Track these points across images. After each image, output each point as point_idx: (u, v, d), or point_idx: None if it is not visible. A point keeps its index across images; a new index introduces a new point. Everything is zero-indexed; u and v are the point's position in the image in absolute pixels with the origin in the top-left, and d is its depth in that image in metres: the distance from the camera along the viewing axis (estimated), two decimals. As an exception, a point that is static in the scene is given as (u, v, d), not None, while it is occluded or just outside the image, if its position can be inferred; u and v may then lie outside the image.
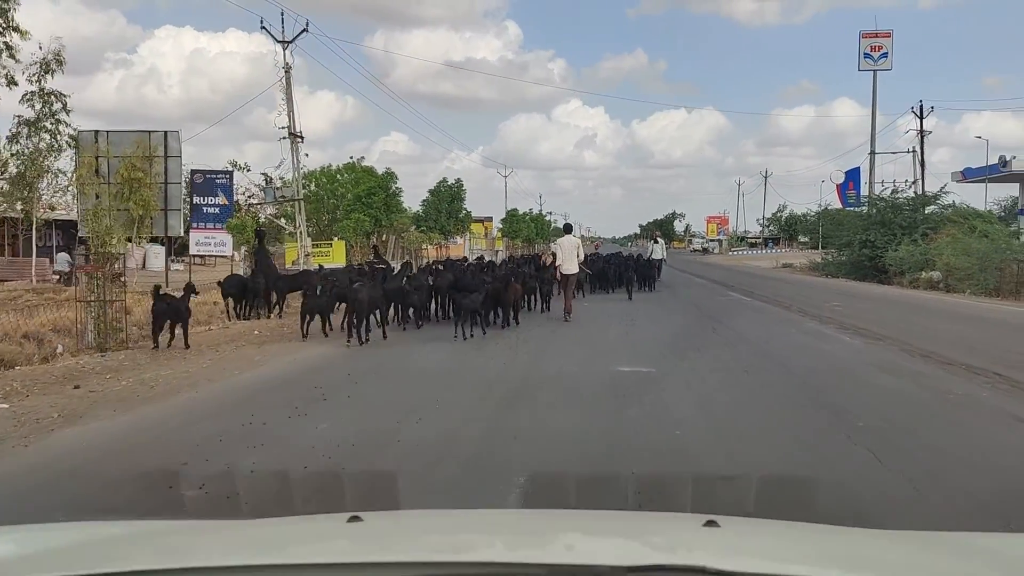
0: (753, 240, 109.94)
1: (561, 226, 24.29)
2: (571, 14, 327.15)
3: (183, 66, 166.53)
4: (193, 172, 27.14)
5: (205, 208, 27.08)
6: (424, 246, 33.78)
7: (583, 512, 3.41)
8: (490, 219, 61.63)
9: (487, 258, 29.46)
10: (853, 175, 74.55)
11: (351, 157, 25.07)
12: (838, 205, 71.60)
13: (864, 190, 60.93)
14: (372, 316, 12.72)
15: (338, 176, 27.66)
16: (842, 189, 74.12)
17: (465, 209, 35.23)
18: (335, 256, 26.19)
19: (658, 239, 30.76)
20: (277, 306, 16.70)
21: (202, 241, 27.07)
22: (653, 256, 27.76)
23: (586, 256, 19.05)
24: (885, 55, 67.26)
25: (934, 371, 9.57)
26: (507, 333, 13.82)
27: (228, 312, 16.14)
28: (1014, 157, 61.57)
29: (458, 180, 35.17)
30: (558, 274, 16.76)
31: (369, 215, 23.85)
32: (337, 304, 13.93)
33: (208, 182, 27.18)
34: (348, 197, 24.54)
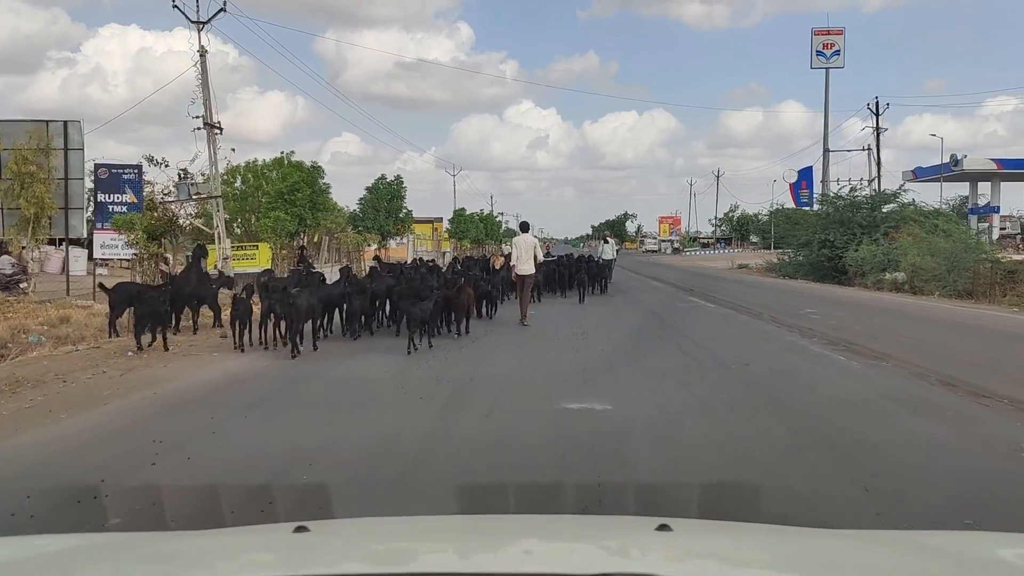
0: (705, 240, 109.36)
1: (515, 226, 22.32)
2: (523, 16, 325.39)
3: (129, 65, 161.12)
4: (97, 167, 24.23)
5: (111, 207, 24.24)
6: (363, 248, 31.40)
7: (535, 517, 3.46)
8: (440, 220, 59.33)
9: (429, 260, 27.29)
10: (806, 174, 73.98)
11: (281, 152, 22.47)
12: (791, 204, 70.74)
13: (818, 189, 60.14)
14: (318, 325, 12.20)
15: (265, 172, 25.08)
16: (795, 188, 73.56)
17: (406, 208, 32.81)
18: (261, 260, 23.68)
19: (608, 239, 29.68)
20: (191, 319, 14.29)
21: (108, 243, 24.20)
22: (604, 257, 26.60)
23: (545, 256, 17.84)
24: (837, 52, 66.74)
25: (971, 408, 7.47)
26: (452, 345, 12.33)
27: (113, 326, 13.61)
28: (965, 156, 61.41)
29: (398, 177, 32.76)
30: (514, 275, 15.89)
31: (292, 213, 21.37)
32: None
33: (114, 177, 24.26)
34: (271, 193, 22.05)
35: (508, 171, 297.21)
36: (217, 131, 23.83)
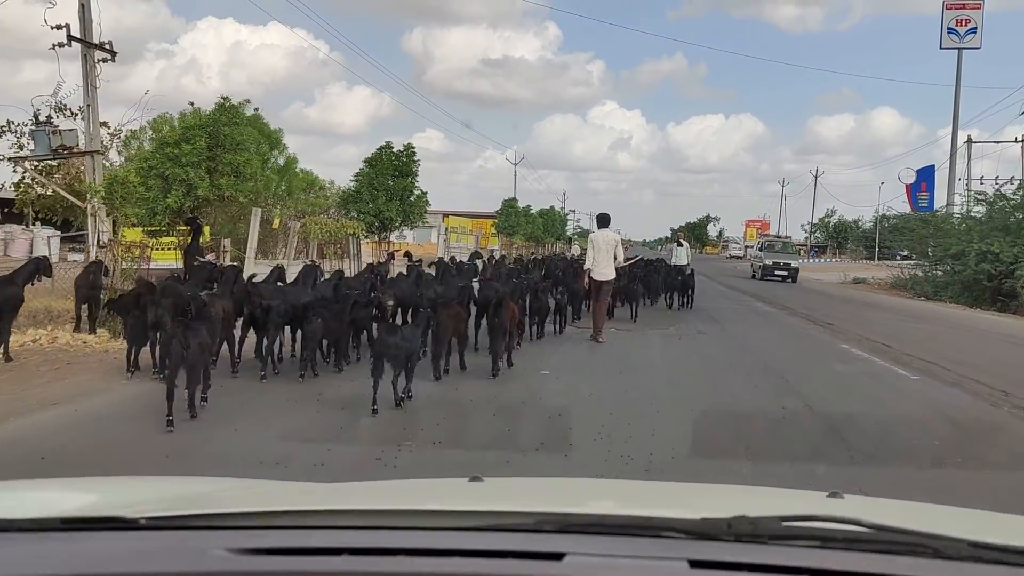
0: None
1: (589, 226, 15.04)
2: (612, 15, 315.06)
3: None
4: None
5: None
6: (354, 239, 23.35)
7: (711, 486, 3.19)
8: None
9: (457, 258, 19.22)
10: (926, 175, 63.28)
11: (221, 97, 14.23)
12: (898, 210, 60.30)
13: (940, 192, 49.88)
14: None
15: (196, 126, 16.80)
16: (913, 190, 62.97)
17: (418, 189, 24.42)
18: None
19: (682, 241, 24.96)
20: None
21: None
22: (677, 262, 22.47)
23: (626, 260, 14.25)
24: (973, 30, 56.18)
25: None
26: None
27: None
28: None
29: (408, 146, 24.29)
30: (586, 279, 12.87)
31: (174, 178, 13.14)
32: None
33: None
34: (146, 149, 14.05)
35: (589, 171, 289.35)
36: (108, 54, 15.84)
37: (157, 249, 15.63)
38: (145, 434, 6.08)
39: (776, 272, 36.80)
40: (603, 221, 12.99)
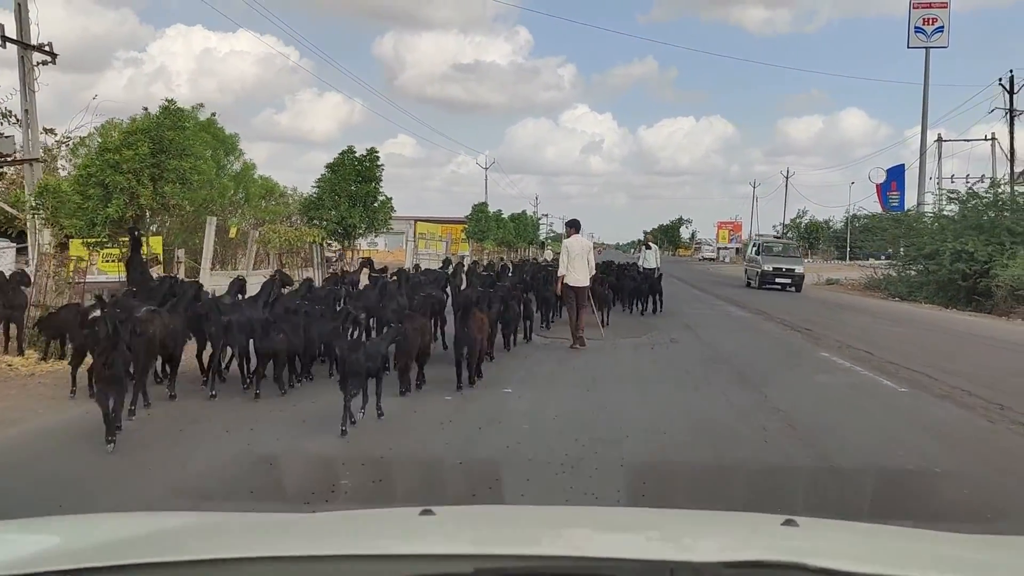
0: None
1: (563, 229, 14.62)
2: (582, 20, 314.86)
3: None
4: None
5: None
6: (329, 246, 22.71)
7: (660, 511, 3.21)
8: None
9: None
10: (896, 174, 63.55)
11: (165, 99, 13.37)
12: (869, 210, 60.47)
13: (911, 192, 50.02)
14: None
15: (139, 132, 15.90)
16: (883, 189, 63.21)
17: (383, 194, 23.65)
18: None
19: (651, 244, 24.45)
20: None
21: None
22: (646, 265, 22.01)
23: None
24: (940, 29, 56.42)
25: None
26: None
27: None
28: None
29: (371, 151, 23.57)
30: (559, 287, 12.50)
31: (114, 185, 12.33)
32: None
33: None
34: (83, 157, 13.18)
35: (561, 175, 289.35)
36: (47, 57, 15.00)
37: (109, 261, 14.76)
38: (71, 463, 5.74)
39: (777, 280, 31.29)
40: (575, 226, 12.89)
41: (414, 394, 8.11)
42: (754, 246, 37.34)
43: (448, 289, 12.99)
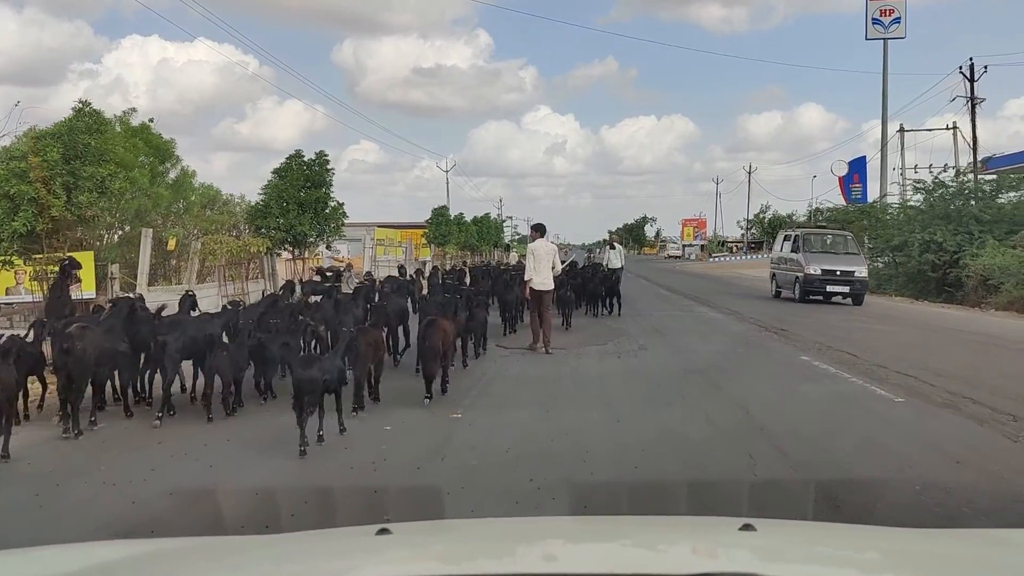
0: (732, 244, 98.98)
1: (529, 231, 15.80)
2: (541, 22, 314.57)
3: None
4: None
5: None
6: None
7: (616, 518, 3.23)
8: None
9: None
10: (858, 166, 63.54)
11: (79, 101, 12.12)
12: (833, 202, 60.68)
13: (872, 184, 49.83)
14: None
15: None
16: (845, 182, 63.14)
17: (334, 200, 22.50)
18: (85, 281, 13.45)
19: (615, 244, 24.21)
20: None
21: None
22: (610, 265, 21.60)
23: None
24: (897, 20, 56.44)
25: None
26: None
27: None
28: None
29: (320, 154, 22.45)
30: (527, 291, 12.27)
31: (20, 196, 11.09)
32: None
33: None
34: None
35: (526, 177, 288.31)
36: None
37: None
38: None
39: (829, 288, 22.23)
40: (540, 230, 12.92)
41: (354, 419, 7.09)
42: (788, 239, 25.66)
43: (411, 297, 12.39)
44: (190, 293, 10.05)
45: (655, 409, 7.84)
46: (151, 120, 19.90)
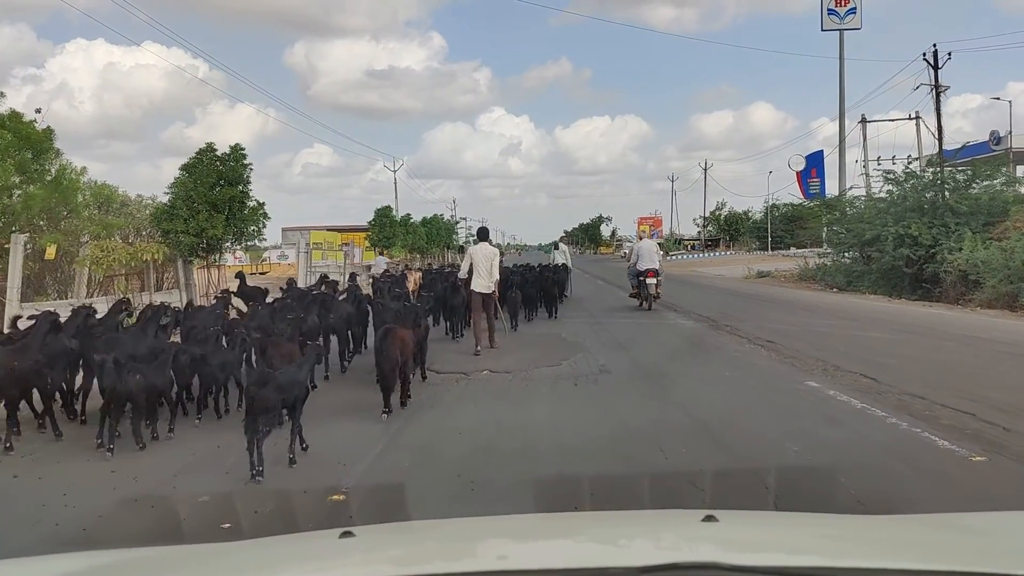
0: (689, 242, 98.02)
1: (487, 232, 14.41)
2: (495, 24, 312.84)
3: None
4: None
5: None
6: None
7: (579, 514, 3.32)
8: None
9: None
10: (816, 160, 62.58)
11: None
12: (788, 198, 59.30)
13: (831, 180, 48.71)
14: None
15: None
16: (803, 177, 62.12)
17: (253, 200, 19.94)
18: None
19: (559, 244, 25.01)
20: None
21: None
22: (555, 263, 22.11)
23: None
24: (853, 11, 55.96)
25: None
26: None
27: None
28: (1010, 133, 49.84)
29: (235, 147, 19.89)
30: (466, 293, 12.66)
31: None
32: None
33: None
34: None
35: (481, 178, 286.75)
36: None
37: None
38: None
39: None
40: (482, 235, 13.44)
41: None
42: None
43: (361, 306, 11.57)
44: (85, 306, 9.03)
45: (624, 464, 5.51)
46: (38, 111, 17.21)
